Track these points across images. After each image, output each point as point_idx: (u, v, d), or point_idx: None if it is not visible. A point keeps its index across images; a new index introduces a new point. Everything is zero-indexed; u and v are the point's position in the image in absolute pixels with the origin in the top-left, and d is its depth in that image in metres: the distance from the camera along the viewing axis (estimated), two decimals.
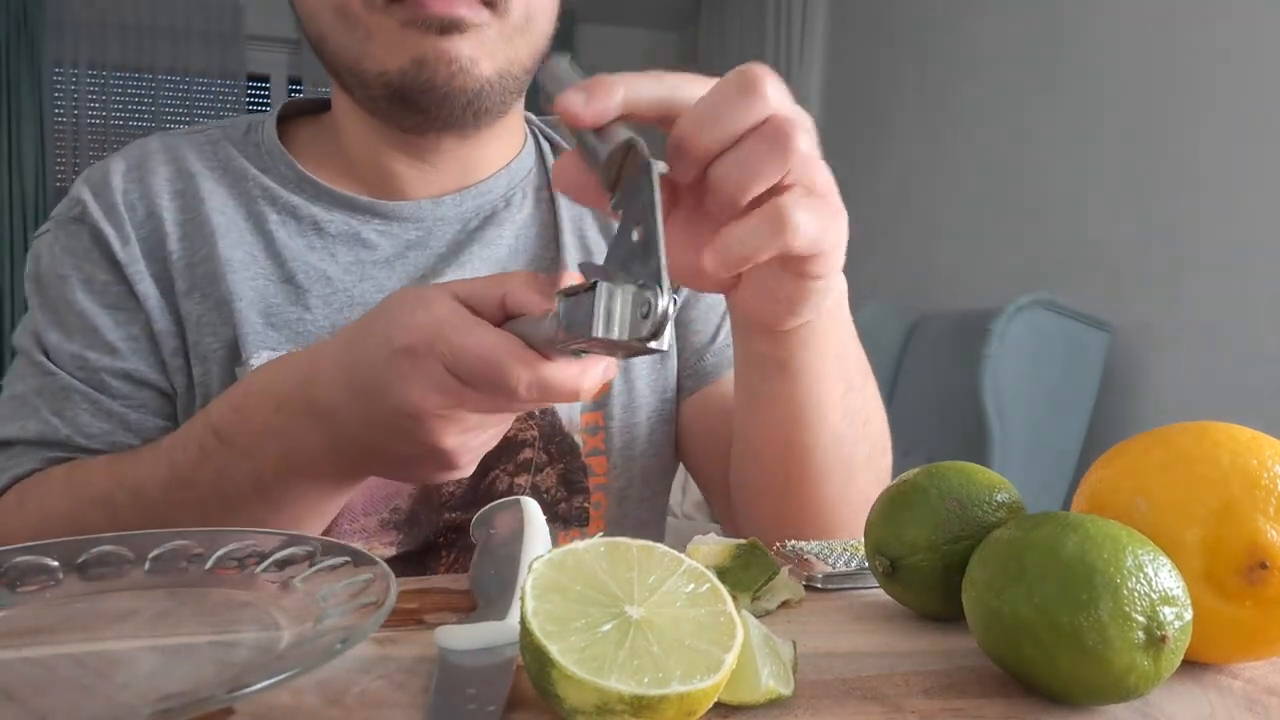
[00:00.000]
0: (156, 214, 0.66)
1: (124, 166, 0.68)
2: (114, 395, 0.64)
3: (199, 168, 0.68)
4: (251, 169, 0.69)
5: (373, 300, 0.65)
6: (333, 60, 0.64)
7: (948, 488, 0.39)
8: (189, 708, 0.26)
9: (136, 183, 0.67)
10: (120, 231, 0.65)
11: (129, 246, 0.65)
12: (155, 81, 4.13)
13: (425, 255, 0.69)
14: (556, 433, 0.68)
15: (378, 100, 0.63)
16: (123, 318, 0.64)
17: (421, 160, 0.69)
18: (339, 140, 0.70)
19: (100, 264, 0.65)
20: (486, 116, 0.65)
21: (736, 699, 0.31)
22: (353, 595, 0.35)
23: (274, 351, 0.63)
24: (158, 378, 0.65)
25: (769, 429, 0.57)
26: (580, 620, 0.29)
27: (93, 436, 0.63)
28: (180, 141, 0.70)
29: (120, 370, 0.64)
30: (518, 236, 0.72)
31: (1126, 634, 0.29)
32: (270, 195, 0.68)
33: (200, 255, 0.65)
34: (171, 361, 0.64)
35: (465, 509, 0.66)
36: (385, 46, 0.60)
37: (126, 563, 0.41)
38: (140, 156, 0.68)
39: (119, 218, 0.65)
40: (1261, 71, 1.82)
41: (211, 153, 0.70)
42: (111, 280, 0.64)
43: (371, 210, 0.68)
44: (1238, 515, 0.33)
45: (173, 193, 0.67)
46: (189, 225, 0.66)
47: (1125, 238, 2.14)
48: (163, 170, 0.68)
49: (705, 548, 0.44)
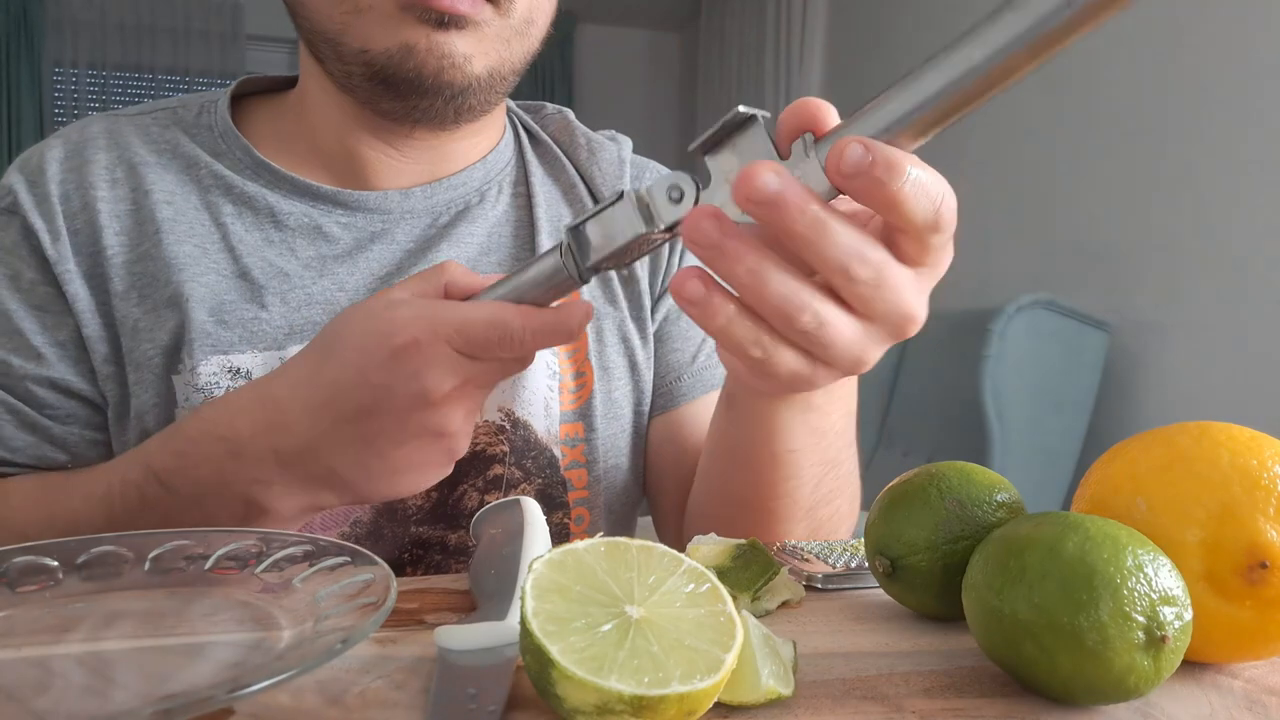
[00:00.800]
0: (92, 206, 0.61)
1: (61, 154, 0.62)
2: (39, 406, 0.59)
3: (144, 154, 0.63)
4: (203, 154, 0.64)
5: (332, 298, 0.62)
6: (308, 25, 0.59)
7: (948, 488, 0.39)
8: (189, 708, 0.26)
9: (74, 171, 0.62)
10: (51, 225, 0.60)
11: (59, 243, 0.59)
12: (155, 81, 4.14)
13: (389, 250, 0.64)
14: (532, 447, 0.64)
15: (353, 77, 0.59)
16: (50, 321, 0.59)
17: (392, 147, 0.64)
18: (303, 120, 0.65)
19: (28, 260, 0.60)
20: (469, 114, 0.62)
21: (736, 699, 0.31)
22: (353, 595, 0.35)
23: (225, 355, 0.59)
24: (86, 387, 0.60)
25: (737, 483, 0.56)
26: (580, 620, 0.29)
27: (16, 450, 0.59)
28: (125, 125, 0.65)
29: (45, 379, 0.59)
30: (490, 235, 0.68)
31: (1126, 634, 0.29)
32: (224, 184, 0.63)
33: (141, 252, 0.61)
34: (102, 369, 0.60)
35: (432, 523, 0.63)
36: (376, 24, 0.56)
37: (126, 563, 0.41)
38: (79, 142, 0.63)
39: (51, 210, 0.60)
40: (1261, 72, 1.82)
41: (160, 136, 0.65)
42: (39, 279, 0.60)
43: (334, 200, 0.64)
44: (1238, 515, 0.33)
45: (111, 181, 0.62)
46: (130, 219, 0.61)
47: (1125, 238, 2.14)
48: (102, 157, 0.62)
49: (705, 548, 0.44)
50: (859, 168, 0.32)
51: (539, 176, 0.71)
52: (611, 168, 0.72)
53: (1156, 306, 2.06)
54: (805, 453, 0.53)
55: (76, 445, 0.61)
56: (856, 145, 0.32)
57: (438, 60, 0.56)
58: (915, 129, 0.32)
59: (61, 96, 4.07)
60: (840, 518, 0.59)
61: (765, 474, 0.54)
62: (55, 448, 0.60)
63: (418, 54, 0.56)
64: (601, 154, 0.73)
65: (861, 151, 0.32)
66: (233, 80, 0.70)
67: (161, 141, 0.64)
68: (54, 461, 0.60)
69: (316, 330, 0.61)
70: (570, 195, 0.72)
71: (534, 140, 0.74)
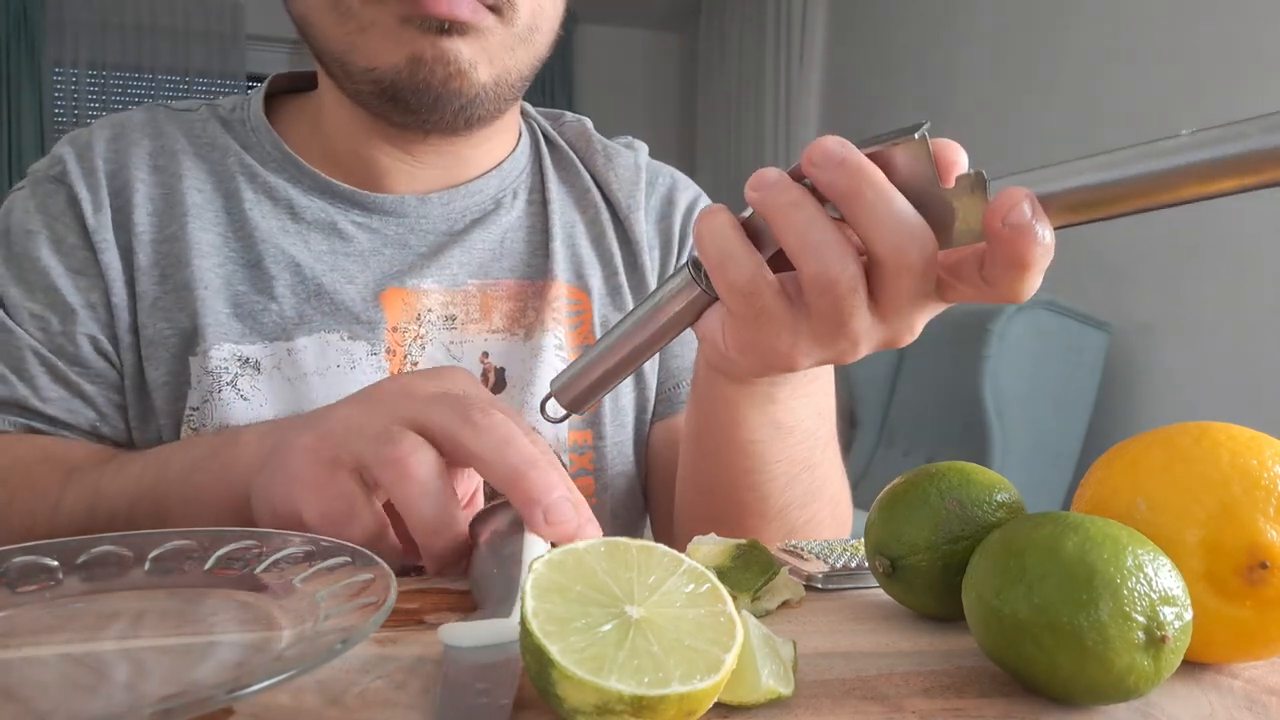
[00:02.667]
0: (131, 185, 0.64)
1: (109, 134, 0.66)
2: (70, 361, 0.62)
3: (182, 144, 0.66)
4: (234, 144, 0.67)
5: (341, 289, 0.63)
6: (316, 46, 0.61)
7: (948, 488, 0.39)
8: (189, 708, 0.26)
9: (119, 151, 0.65)
10: (95, 197, 0.63)
11: (100, 214, 0.63)
12: (155, 81, 4.14)
13: (402, 253, 0.66)
14: None
15: (362, 94, 0.60)
16: (84, 283, 0.63)
17: (407, 154, 0.66)
18: (321, 126, 0.67)
19: (71, 226, 0.63)
20: (479, 123, 0.63)
21: (736, 699, 0.31)
22: (353, 595, 0.35)
23: (236, 345, 0.61)
24: (111, 351, 0.63)
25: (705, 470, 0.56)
26: (580, 620, 0.29)
27: (49, 401, 0.62)
28: (166, 116, 0.68)
29: (80, 335, 0.62)
30: (502, 240, 0.69)
31: (1126, 634, 0.29)
32: (250, 172, 0.66)
33: (168, 233, 0.64)
34: (125, 338, 0.63)
35: None
36: (380, 41, 0.57)
37: (126, 563, 0.41)
38: (124, 127, 0.67)
39: (97, 182, 0.64)
40: (1262, 72, 1.82)
41: (201, 129, 0.68)
42: (80, 245, 0.63)
43: (352, 200, 0.65)
44: (1238, 515, 0.33)
45: (151, 167, 0.65)
46: (162, 201, 0.64)
47: (1125, 238, 2.14)
48: (146, 143, 0.66)
49: (705, 548, 0.44)
50: (1020, 225, 0.32)
51: (554, 183, 0.72)
52: (628, 174, 0.73)
53: (1156, 306, 2.06)
54: (769, 445, 0.53)
55: (104, 406, 0.63)
56: (1026, 204, 0.32)
57: (445, 68, 0.57)
58: (1081, 207, 0.32)
59: (61, 96, 4.06)
60: (819, 524, 0.59)
61: (731, 461, 0.54)
62: (85, 403, 0.62)
63: (425, 63, 0.57)
64: (618, 160, 0.74)
65: (1029, 211, 0.32)
66: (233, 81, 0.72)
67: (202, 135, 0.67)
68: (83, 418, 0.63)
69: (322, 321, 0.63)
70: (584, 201, 0.73)
71: (552, 147, 0.75)
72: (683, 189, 0.77)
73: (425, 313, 0.65)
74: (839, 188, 0.35)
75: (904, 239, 0.34)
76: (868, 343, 0.38)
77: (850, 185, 0.34)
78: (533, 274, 0.69)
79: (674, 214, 0.75)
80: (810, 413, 0.54)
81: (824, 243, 0.35)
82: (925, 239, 0.35)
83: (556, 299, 0.68)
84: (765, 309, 0.37)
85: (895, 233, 0.34)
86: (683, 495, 0.63)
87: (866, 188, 0.34)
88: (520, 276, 0.68)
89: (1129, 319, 2.10)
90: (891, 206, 0.34)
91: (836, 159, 0.34)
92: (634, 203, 0.72)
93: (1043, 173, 0.33)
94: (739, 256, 0.37)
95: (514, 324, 0.67)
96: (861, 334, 0.37)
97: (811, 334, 0.38)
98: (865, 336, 0.38)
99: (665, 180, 0.76)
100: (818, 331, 0.38)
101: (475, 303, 0.66)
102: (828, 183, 0.35)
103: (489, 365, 0.66)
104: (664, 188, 0.76)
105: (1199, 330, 1.96)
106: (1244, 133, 0.27)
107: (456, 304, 0.66)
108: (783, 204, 0.35)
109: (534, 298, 0.68)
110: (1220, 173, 0.28)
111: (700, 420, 0.55)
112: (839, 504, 0.61)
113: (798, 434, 0.54)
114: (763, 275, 0.37)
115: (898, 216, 0.34)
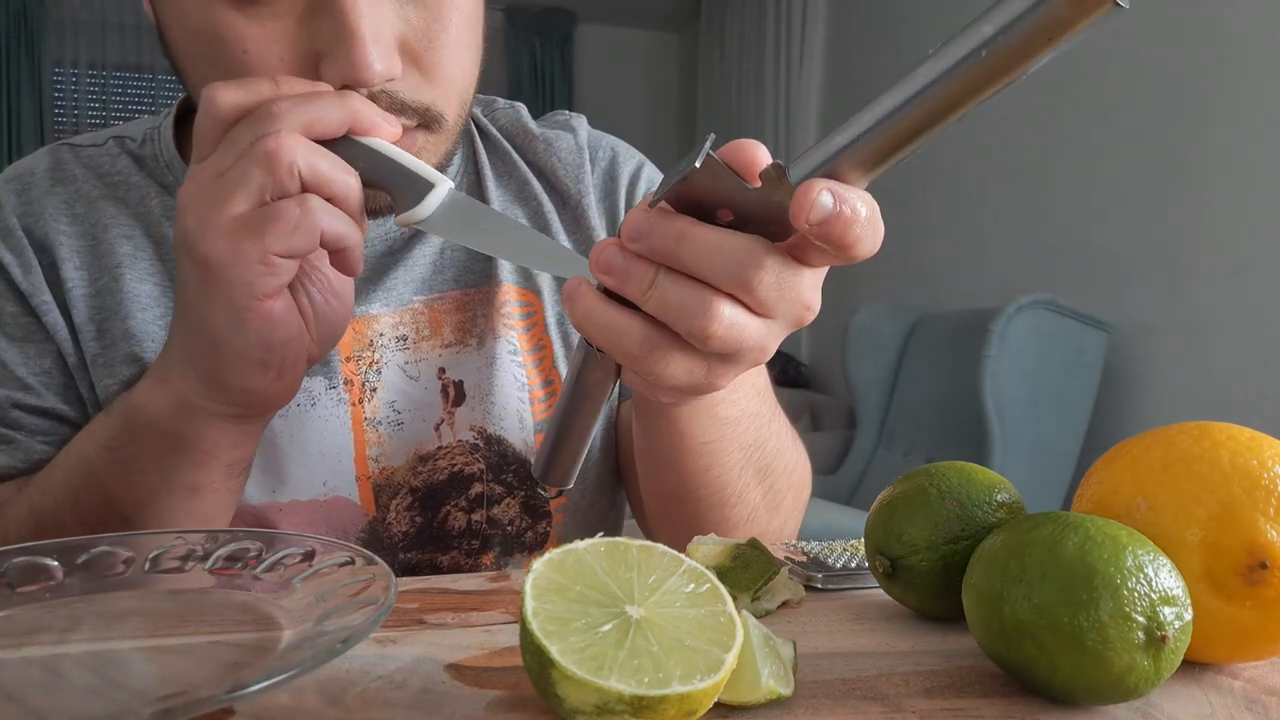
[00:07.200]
0: (53, 239, 0.61)
1: (16, 188, 0.62)
2: (29, 431, 0.60)
3: (97, 188, 0.63)
4: (152, 185, 0.63)
5: None
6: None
7: (948, 488, 0.39)
8: (189, 708, 0.26)
9: (30, 204, 0.62)
10: (21, 259, 0.60)
11: (31, 274, 0.60)
12: (155, 81, 4.14)
13: None
14: (510, 461, 0.64)
15: None
16: (33, 350, 0.60)
17: None
18: None
19: (5, 295, 0.60)
20: None
21: (736, 699, 0.31)
22: (353, 595, 0.35)
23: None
24: (72, 413, 0.61)
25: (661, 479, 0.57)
26: (580, 620, 0.29)
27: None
28: (72, 158, 0.64)
29: (35, 407, 0.60)
30: (442, 251, 0.66)
31: (1126, 634, 0.29)
32: (173, 216, 0.60)
33: (100, 285, 0.60)
34: (88, 396, 0.60)
35: (420, 547, 0.63)
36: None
37: (126, 563, 0.41)
38: (31, 178, 0.63)
39: (18, 243, 0.60)
40: (1262, 72, 1.82)
41: (111, 167, 0.64)
42: (19, 311, 0.60)
43: None
44: (1238, 515, 0.33)
45: (70, 216, 0.62)
46: (89, 254, 0.61)
47: (1125, 238, 2.14)
48: (59, 190, 0.62)
49: (705, 548, 0.44)
50: (823, 219, 0.32)
51: (490, 180, 0.70)
52: (571, 157, 0.70)
53: (1156, 306, 2.06)
54: (721, 441, 0.54)
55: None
56: (825, 195, 0.32)
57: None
58: (879, 153, 0.32)
59: (61, 96, 4.07)
60: (778, 493, 0.60)
61: (687, 466, 0.55)
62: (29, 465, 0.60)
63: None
64: (559, 145, 0.71)
65: (830, 201, 0.32)
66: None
67: (114, 173, 0.63)
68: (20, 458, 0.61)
69: None
70: (523, 194, 0.70)
71: (485, 139, 0.72)
72: (624, 160, 0.73)
73: (377, 337, 0.63)
74: (659, 255, 0.35)
75: (735, 264, 0.35)
76: (773, 340, 0.39)
77: (664, 247, 0.35)
78: (476, 280, 0.66)
79: (617, 191, 0.72)
80: (749, 396, 0.55)
81: (679, 300, 0.36)
82: (755, 252, 0.35)
83: (505, 303, 0.66)
84: (668, 357, 0.37)
85: (724, 265, 0.35)
86: (647, 504, 0.63)
87: (674, 243, 0.35)
88: (464, 286, 0.66)
89: (1129, 319, 2.11)
90: (707, 247, 0.35)
91: (640, 233, 0.35)
92: (583, 187, 0.70)
93: (828, 141, 0.33)
94: (620, 326, 0.37)
95: (465, 335, 0.65)
96: (761, 339, 0.38)
97: (718, 359, 0.39)
98: (767, 338, 0.38)
99: (605, 154, 0.73)
100: (722, 357, 0.38)
101: (424, 319, 0.65)
102: (648, 253, 0.36)
103: (447, 380, 0.64)
104: (604, 162, 0.72)
105: (1199, 330, 1.96)
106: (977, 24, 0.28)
107: (406, 323, 0.64)
108: (630, 278, 0.36)
109: (481, 305, 0.66)
110: (978, 67, 0.29)
111: (649, 438, 0.56)
112: (794, 470, 0.62)
113: (744, 421, 0.55)
114: (653, 333, 0.37)
115: (720, 252, 0.35)
